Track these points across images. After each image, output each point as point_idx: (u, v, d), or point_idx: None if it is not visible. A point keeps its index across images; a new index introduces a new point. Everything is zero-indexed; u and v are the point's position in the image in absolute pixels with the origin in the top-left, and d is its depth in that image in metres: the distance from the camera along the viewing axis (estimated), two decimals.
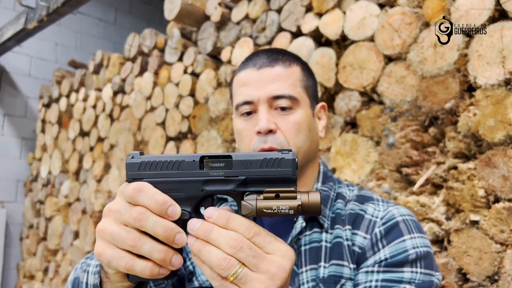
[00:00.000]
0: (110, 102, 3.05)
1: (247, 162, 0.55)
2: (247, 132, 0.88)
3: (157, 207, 0.53)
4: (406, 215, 0.84)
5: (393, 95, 1.49)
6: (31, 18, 2.97)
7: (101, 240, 0.56)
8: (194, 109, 2.30)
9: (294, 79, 0.90)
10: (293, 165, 0.55)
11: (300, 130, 0.87)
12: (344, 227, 0.84)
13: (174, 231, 0.53)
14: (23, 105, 4.19)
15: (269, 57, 0.91)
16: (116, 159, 2.91)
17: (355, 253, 0.81)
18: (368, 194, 0.92)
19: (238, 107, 0.90)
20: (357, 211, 0.86)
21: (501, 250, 1.19)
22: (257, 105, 0.87)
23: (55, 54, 4.38)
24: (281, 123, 0.86)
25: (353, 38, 1.63)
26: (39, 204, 3.79)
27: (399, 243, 0.78)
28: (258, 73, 0.89)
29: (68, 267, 3.24)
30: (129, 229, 0.54)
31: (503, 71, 1.22)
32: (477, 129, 1.25)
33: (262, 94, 0.87)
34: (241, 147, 0.92)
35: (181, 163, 0.57)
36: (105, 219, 0.57)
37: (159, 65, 2.62)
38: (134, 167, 0.57)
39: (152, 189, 0.54)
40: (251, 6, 2.06)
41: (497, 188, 1.21)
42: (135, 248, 0.53)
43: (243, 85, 0.90)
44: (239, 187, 0.56)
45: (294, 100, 0.87)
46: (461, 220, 1.28)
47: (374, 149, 1.53)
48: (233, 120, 0.95)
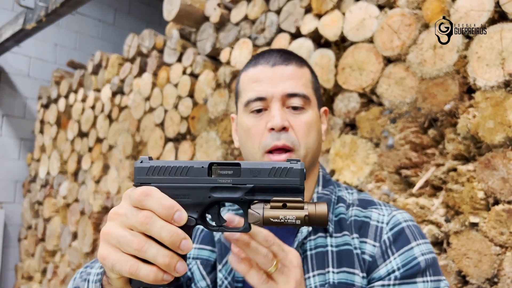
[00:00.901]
0: (109, 103, 3.04)
1: (255, 170, 0.56)
2: (257, 129, 0.86)
3: (163, 212, 0.53)
4: (409, 221, 0.85)
5: (393, 96, 1.49)
6: (30, 18, 2.97)
7: (105, 244, 0.55)
8: (193, 110, 2.29)
9: (306, 80, 0.90)
10: (301, 175, 0.55)
11: (311, 130, 0.87)
12: (352, 234, 0.84)
13: (180, 236, 0.53)
14: (22, 105, 4.18)
15: (282, 55, 0.90)
16: (115, 160, 2.90)
17: (366, 261, 0.81)
18: (368, 197, 0.93)
19: (248, 104, 0.88)
20: (362, 218, 0.86)
21: (501, 253, 1.18)
22: (269, 103, 0.86)
23: (54, 55, 4.37)
24: (293, 122, 0.85)
25: (352, 40, 1.62)
26: (38, 205, 3.78)
27: (408, 250, 0.80)
28: (272, 70, 0.88)
29: (66, 268, 3.23)
30: (134, 233, 0.53)
31: (502, 73, 1.22)
32: (477, 131, 1.25)
33: (276, 91, 0.85)
34: (248, 145, 0.89)
35: (189, 169, 0.57)
36: (111, 222, 0.56)
37: (158, 66, 2.61)
38: (142, 172, 0.57)
39: (159, 194, 0.54)
40: (250, 7, 2.06)
41: (496, 190, 1.20)
42: (140, 252, 0.52)
43: (255, 81, 0.88)
44: (246, 195, 0.56)
45: (307, 99, 0.87)
46: (460, 222, 1.27)
47: (373, 151, 1.53)
48: (239, 117, 0.92)
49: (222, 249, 0.83)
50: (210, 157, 2.13)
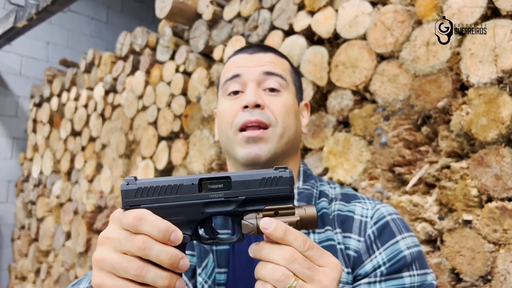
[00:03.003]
0: (101, 102, 3.02)
1: (246, 182, 0.56)
2: (231, 110, 0.86)
3: (160, 235, 0.52)
4: (393, 214, 0.84)
5: (386, 94, 1.48)
6: (21, 16, 2.93)
7: (99, 271, 0.53)
8: (186, 108, 2.28)
9: (284, 67, 0.90)
10: (290, 183, 0.56)
11: (289, 112, 0.86)
12: (335, 229, 0.82)
13: (178, 257, 0.52)
14: (14, 104, 4.14)
15: (261, 47, 0.93)
16: (108, 159, 2.88)
17: (350, 257, 0.80)
18: (351, 192, 0.91)
19: (225, 84, 0.88)
20: (345, 212, 0.84)
21: (494, 250, 1.18)
22: (245, 85, 0.86)
23: (46, 53, 4.33)
24: (269, 102, 0.85)
25: (345, 37, 1.61)
26: (31, 205, 3.75)
27: (393, 244, 0.79)
28: (250, 56, 0.89)
29: (60, 268, 3.20)
30: (130, 258, 0.52)
31: (495, 70, 1.21)
32: (470, 128, 1.24)
33: (252, 71, 0.86)
34: (222, 127, 0.88)
35: (179, 187, 0.56)
36: (102, 247, 0.54)
37: (151, 64, 2.59)
38: (130, 194, 0.55)
39: (152, 216, 0.53)
40: (243, 4, 2.04)
41: (490, 188, 1.20)
42: (139, 278, 0.51)
43: (234, 67, 0.89)
44: (239, 207, 0.56)
45: (284, 80, 0.87)
46: (454, 219, 1.27)
47: (366, 149, 1.52)
48: (218, 106, 0.92)
49: (201, 252, 0.81)
50: (203, 155, 2.12)
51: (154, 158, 2.43)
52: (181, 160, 2.25)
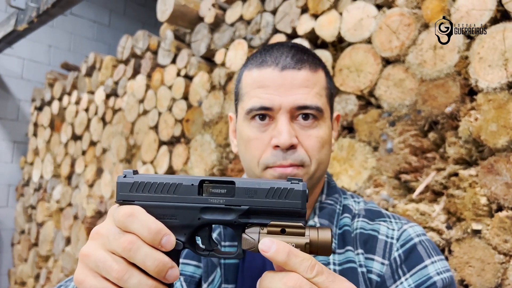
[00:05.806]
0: (102, 105, 3.00)
1: (251, 190, 0.50)
2: (259, 143, 0.75)
3: (150, 236, 0.47)
4: (422, 235, 0.77)
5: (391, 98, 1.45)
6: (21, 19, 2.92)
7: (83, 267, 0.50)
8: (187, 112, 2.24)
9: (320, 87, 0.78)
10: (302, 197, 0.49)
11: (324, 145, 0.77)
12: (356, 250, 0.75)
13: (166, 266, 0.47)
14: (15, 108, 4.12)
15: (293, 56, 0.77)
16: (108, 163, 2.85)
17: (373, 281, 0.72)
18: (376, 208, 0.84)
19: (251, 112, 0.76)
20: (369, 231, 0.78)
21: (505, 261, 1.14)
22: (276, 113, 0.74)
23: (48, 56, 4.31)
24: (303, 137, 0.75)
25: (349, 40, 1.58)
26: (31, 209, 3.73)
27: (421, 269, 0.71)
28: (281, 75, 0.75)
29: (59, 274, 3.17)
30: (116, 258, 0.48)
31: (505, 74, 1.18)
32: (479, 134, 1.20)
33: (285, 101, 0.73)
34: (247, 158, 0.78)
35: (178, 187, 0.51)
36: (91, 242, 0.50)
37: (152, 67, 2.56)
38: (125, 188, 0.51)
39: (145, 215, 0.48)
40: (246, 7, 2.01)
41: (500, 196, 1.16)
42: (121, 282, 0.47)
43: (260, 87, 0.76)
44: (241, 218, 0.50)
45: (319, 112, 0.75)
46: (462, 229, 1.23)
47: (371, 155, 1.48)
48: (239, 124, 0.81)
49: (208, 265, 0.76)
50: (204, 160, 2.08)
51: (155, 163, 2.39)
52: (182, 165, 2.21)
